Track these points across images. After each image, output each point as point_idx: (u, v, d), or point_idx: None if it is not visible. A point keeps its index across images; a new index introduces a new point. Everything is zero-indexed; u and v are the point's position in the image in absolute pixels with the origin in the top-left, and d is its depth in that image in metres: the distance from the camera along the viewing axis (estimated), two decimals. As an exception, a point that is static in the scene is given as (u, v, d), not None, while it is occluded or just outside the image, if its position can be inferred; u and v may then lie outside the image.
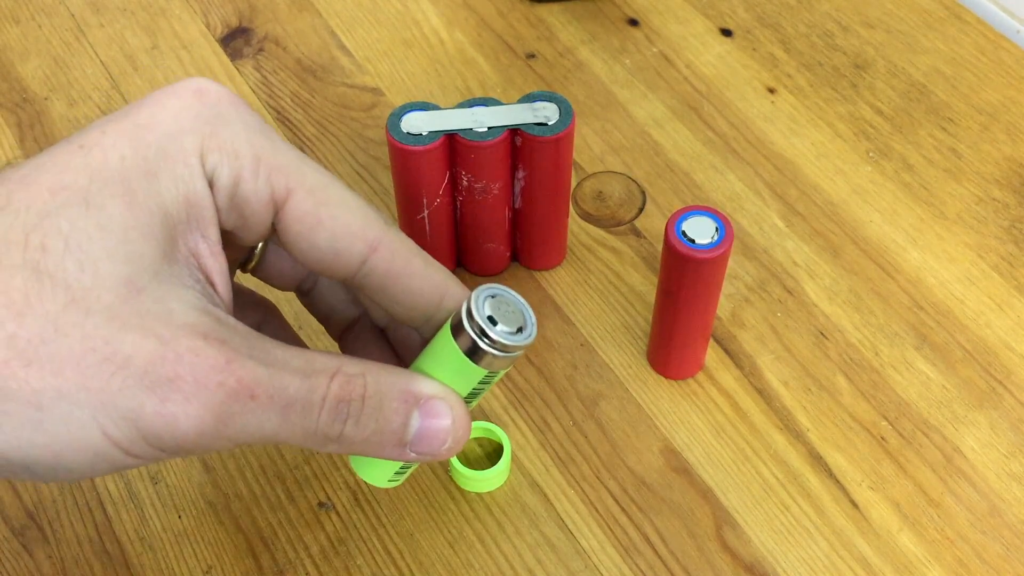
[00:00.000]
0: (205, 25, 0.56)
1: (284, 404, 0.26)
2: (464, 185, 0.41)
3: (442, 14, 0.56)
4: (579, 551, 0.38)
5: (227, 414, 0.25)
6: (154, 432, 0.25)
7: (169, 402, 0.25)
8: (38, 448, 0.25)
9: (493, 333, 0.28)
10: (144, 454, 0.26)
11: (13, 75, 0.54)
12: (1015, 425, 0.41)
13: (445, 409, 0.29)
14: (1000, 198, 0.48)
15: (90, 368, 0.25)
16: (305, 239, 0.29)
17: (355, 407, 0.27)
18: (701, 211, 0.37)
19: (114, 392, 0.25)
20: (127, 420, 0.25)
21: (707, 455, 0.40)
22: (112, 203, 0.26)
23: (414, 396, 0.28)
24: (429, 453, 0.29)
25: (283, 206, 0.29)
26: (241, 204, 0.28)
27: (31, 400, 0.24)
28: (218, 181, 0.28)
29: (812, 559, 0.38)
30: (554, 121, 0.40)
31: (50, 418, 0.25)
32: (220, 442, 0.26)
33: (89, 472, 0.26)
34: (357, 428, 0.28)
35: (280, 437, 0.27)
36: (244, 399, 0.26)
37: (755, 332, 0.44)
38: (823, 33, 0.55)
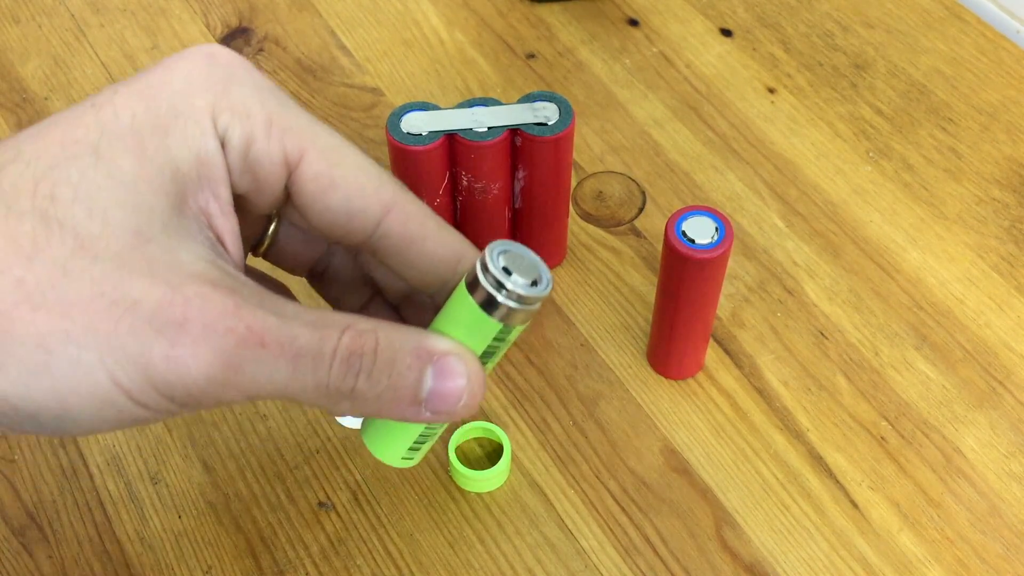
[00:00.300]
0: (205, 25, 0.56)
1: (294, 354, 0.26)
2: (464, 185, 0.41)
3: (442, 14, 0.56)
4: (579, 551, 0.38)
5: (237, 361, 0.25)
6: (162, 377, 0.25)
7: (178, 345, 0.25)
8: (44, 393, 0.24)
9: (509, 283, 0.28)
10: (152, 403, 0.25)
11: (13, 75, 0.54)
12: (1015, 425, 0.41)
13: (459, 365, 0.28)
14: (1000, 198, 0.48)
15: (98, 311, 0.24)
16: (319, 201, 0.29)
17: (367, 361, 0.27)
18: (701, 211, 0.37)
19: (122, 335, 0.24)
20: (135, 364, 0.24)
21: (707, 455, 0.40)
22: (122, 156, 0.26)
23: (427, 352, 0.28)
24: (445, 411, 0.28)
25: (296, 167, 0.28)
26: (254, 165, 0.28)
27: (39, 343, 0.24)
28: (230, 141, 0.28)
29: (812, 559, 0.38)
30: (554, 121, 0.40)
31: (57, 361, 0.24)
32: (230, 391, 0.25)
33: (96, 422, 0.25)
34: (369, 383, 0.27)
35: (291, 390, 0.26)
36: (254, 346, 0.25)
37: (755, 332, 0.44)
38: (823, 33, 0.55)
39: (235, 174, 0.28)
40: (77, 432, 0.26)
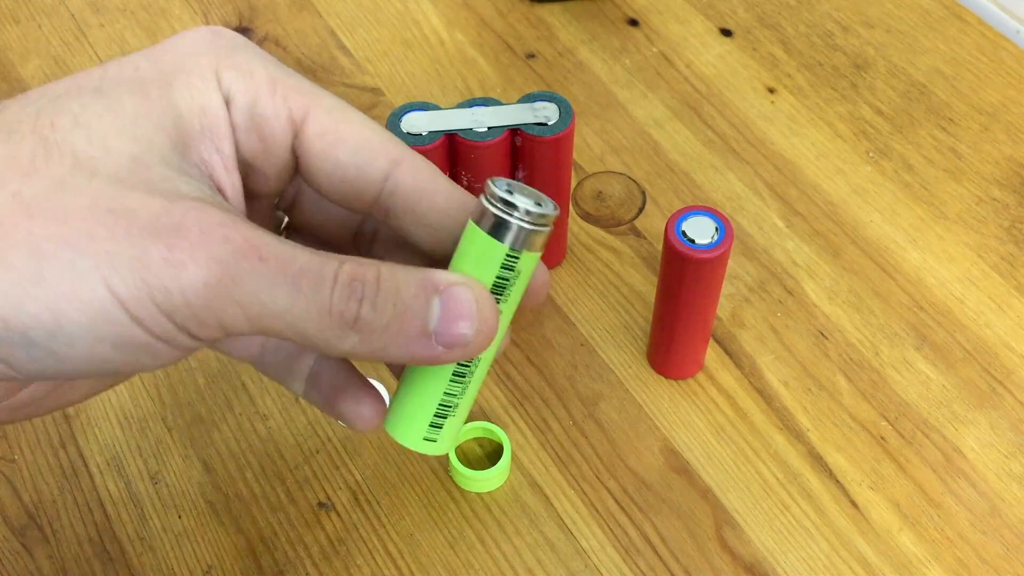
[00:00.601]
0: (205, 25, 0.56)
1: (295, 272, 0.25)
2: (464, 185, 0.41)
3: (442, 14, 0.56)
4: (579, 551, 0.38)
5: (235, 271, 0.25)
6: (160, 283, 0.24)
7: (175, 249, 0.24)
8: (37, 304, 0.24)
9: (513, 200, 0.28)
10: (150, 319, 0.24)
11: (13, 75, 0.54)
12: (1015, 425, 0.41)
13: (466, 292, 0.27)
14: (1000, 198, 0.48)
15: (95, 220, 0.24)
16: (328, 158, 0.29)
17: (370, 288, 0.26)
18: (701, 211, 0.37)
19: (119, 239, 0.24)
20: (132, 269, 0.24)
21: (707, 455, 0.40)
22: (125, 96, 0.26)
23: (432, 283, 0.27)
24: (457, 341, 0.27)
25: (301, 125, 0.29)
26: (260, 123, 0.28)
27: (32, 249, 0.24)
28: (234, 99, 0.28)
29: (812, 559, 0.38)
30: (554, 121, 0.40)
31: (51, 268, 0.24)
32: (231, 307, 0.25)
33: (92, 343, 0.24)
34: (374, 312, 0.26)
35: (294, 315, 0.25)
36: (252, 259, 0.25)
37: (755, 332, 0.44)
38: (823, 33, 0.55)
39: (240, 132, 0.28)
40: (71, 357, 0.25)
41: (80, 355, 0.25)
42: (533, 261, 0.29)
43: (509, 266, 0.28)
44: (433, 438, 0.30)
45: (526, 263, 0.29)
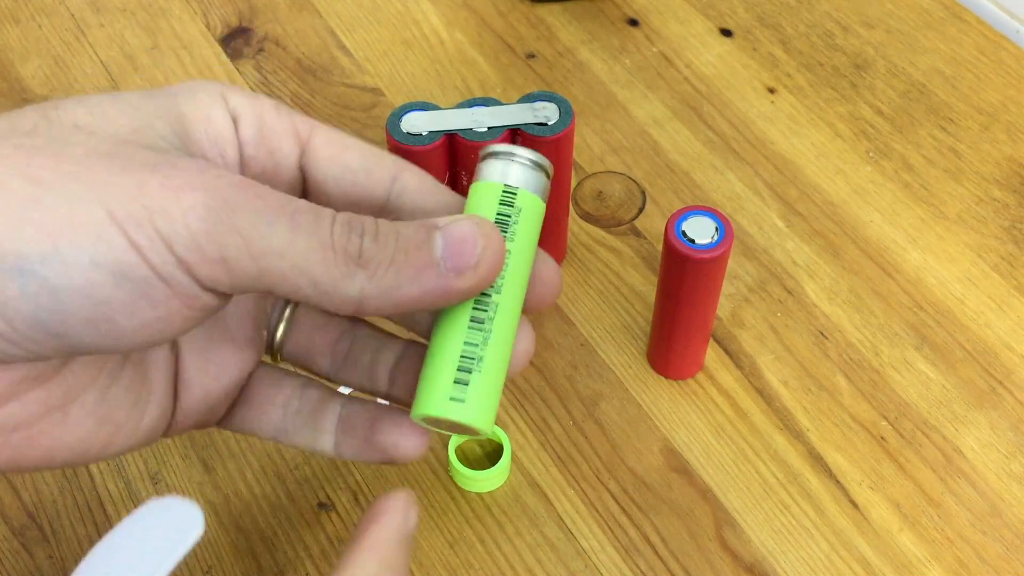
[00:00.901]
0: (205, 25, 0.56)
1: (293, 211, 0.25)
2: (464, 185, 0.41)
3: (442, 14, 0.56)
4: (579, 551, 0.38)
5: (233, 200, 0.24)
6: (160, 205, 0.23)
7: (173, 177, 0.24)
8: (32, 226, 0.23)
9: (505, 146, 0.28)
10: (149, 247, 0.24)
11: (13, 75, 0.54)
12: (1015, 425, 0.41)
13: (466, 221, 0.27)
14: (1000, 198, 0.48)
15: (95, 160, 0.24)
16: (337, 161, 0.29)
17: (368, 226, 0.26)
18: (701, 211, 0.37)
19: (116, 172, 0.24)
20: (131, 197, 0.23)
21: (707, 455, 0.40)
22: (129, 95, 0.27)
23: (431, 223, 0.27)
24: (467, 263, 0.26)
25: (308, 140, 0.29)
26: (268, 137, 0.29)
27: (30, 179, 0.23)
28: (242, 117, 0.29)
29: (812, 559, 0.38)
30: (554, 121, 0.40)
31: (48, 194, 0.23)
32: (233, 235, 0.24)
33: (88, 268, 0.23)
34: (377, 245, 0.26)
35: (296, 252, 0.25)
36: (249, 194, 0.25)
37: (755, 332, 0.44)
38: (823, 33, 0.55)
39: (249, 147, 0.29)
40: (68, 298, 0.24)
41: (76, 288, 0.23)
42: (535, 204, 0.29)
43: (508, 202, 0.28)
44: (460, 397, 0.27)
45: (526, 201, 0.28)
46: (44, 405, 0.27)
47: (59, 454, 0.27)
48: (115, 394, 0.28)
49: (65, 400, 0.27)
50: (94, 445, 0.28)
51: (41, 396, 0.26)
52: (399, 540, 0.28)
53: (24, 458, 0.27)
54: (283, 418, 0.32)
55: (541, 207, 0.28)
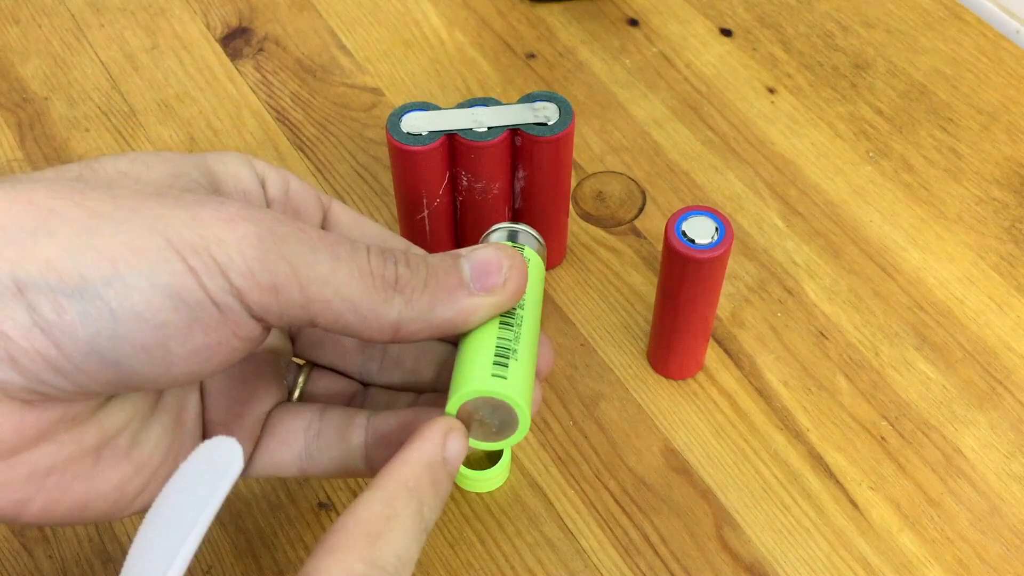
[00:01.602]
0: (205, 25, 0.56)
1: (332, 242, 0.26)
2: (464, 185, 0.41)
3: (442, 14, 0.56)
4: (579, 551, 0.38)
5: (280, 233, 0.25)
6: (215, 235, 0.24)
7: (224, 210, 0.25)
8: (94, 253, 0.24)
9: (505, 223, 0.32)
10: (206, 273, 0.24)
11: (13, 75, 0.54)
12: (1015, 425, 0.41)
13: (489, 248, 0.29)
14: (1000, 198, 0.48)
15: (145, 198, 0.25)
16: (357, 228, 0.32)
17: (400, 256, 0.28)
18: (701, 211, 0.37)
19: (170, 206, 0.25)
20: (187, 227, 0.24)
21: (707, 455, 0.40)
22: (164, 152, 0.29)
23: (455, 253, 0.29)
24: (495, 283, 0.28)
25: (329, 207, 0.32)
26: (295, 199, 0.31)
27: (89, 212, 0.24)
28: (269, 179, 0.31)
29: (812, 559, 0.38)
30: (554, 121, 0.40)
31: (108, 223, 0.24)
32: (282, 264, 0.25)
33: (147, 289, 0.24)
34: (410, 271, 0.27)
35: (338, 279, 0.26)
36: (293, 227, 0.26)
37: (755, 332, 0.44)
38: (823, 33, 0.55)
39: (276, 206, 0.31)
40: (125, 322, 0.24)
41: (135, 311, 0.24)
42: (538, 263, 0.31)
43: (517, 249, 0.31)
44: (502, 375, 0.28)
45: (531, 256, 0.31)
46: (78, 447, 0.26)
47: (93, 502, 0.27)
48: (148, 439, 0.29)
49: (99, 443, 0.27)
50: (128, 493, 0.28)
51: (75, 438, 0.26)
52: (428, 463, 0.27)
53: (57, 505, 0.27)
54: (306, 445, 0.32)
55: (543, 270, 0.32)
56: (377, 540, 0.25)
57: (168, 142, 0.51)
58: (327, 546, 0.25)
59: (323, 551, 0.25)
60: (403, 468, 0.26)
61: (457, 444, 0.27)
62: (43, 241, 0.23)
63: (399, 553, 0.25)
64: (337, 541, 0.25)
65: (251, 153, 0.50)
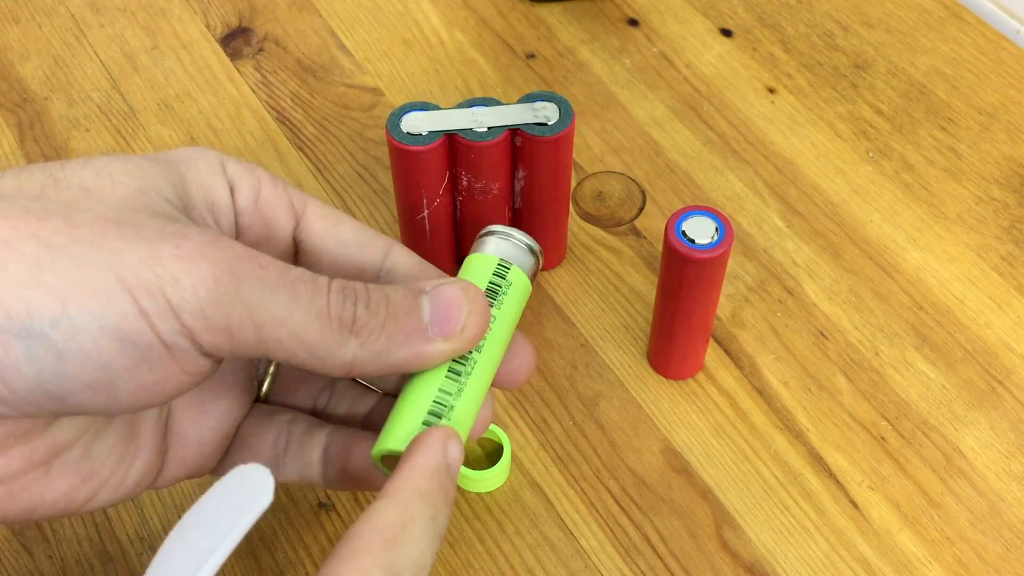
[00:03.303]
0: (205, 25, 0.56)
1: (292, 280, 0.26)
2: (464, 185, 0.41)
3: (442, 14, 0.56)
4: (579, 551, 0.38)
5: (239, 272, 0.25)
6: (172, 275, 0.24)
7: (183, 247, 0.25)
8: (44, 290, 0.23)
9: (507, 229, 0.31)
10: (157, 315, 0.24)
11: (13, 75, 0.54)
12: (1015, 425, 0.41)
13: (452, 286, 0.28)
14: (1000, 198, 0.48)
15: (105, 227, 0.24)
16: (331, 235, 0.31)
17: (361, 293, 0.27)
18: (701, 211, 0.37)
19: (129, 240, 0.24)
20: (144, 265, 0.24)
21: (707, 455, 0.40)
22: (135, 158, 0.28)
23: (418, 287, 0.28)
24: (454, 329, 0.28)
25: (303, 213, 0.31)
26: (264, 208, 0.30)
27: (44, 243, 0.24)
28: (239, 187, 0.30)
29: (812, 559, 0.38)
30: (554, 121, 0.40)
31: (63, 258, 0.24)
32: (238, 306, 0.25)
33: (95, 333, 0.24)
34: (368, 311, 0.27)
35: (294, 320, 0.26)
36: (253, 265, 0.25)
37: (755, 332, 0.44)
38: (823, 33, 0.55)
39: (245, 216, 0.30)
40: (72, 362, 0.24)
41: (82, 352, 0.24)
42: (524, 283, 0.31)
43: (501, 274, 0.30)
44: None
45: (517, 278, 0.30)
46: (27, 461, 0.27)
47: (41, 508, 0.28)
48: (100, 451, 0.29)
49: (49, 456, 0.27)
50: (76, 500, 0.28)
51: (25, 452, 0.27)
52: (436, 469, 0.27)
53: (5, 511, 0.27)
54: (275, 455, 0.32)
55: (528, 287, 0.31)
56: (394, 546, 0.25)
57: (168, 142, 0.51)
58: (344, 552, 0.25)
59: (340, 557, 0.25)
60: (413, 475, 0.26)
61: (456, 450, 0.28)
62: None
63: (415, 559, 0.25)
64: (355, 547, 0.25)
65: (251, 153, 0.50)
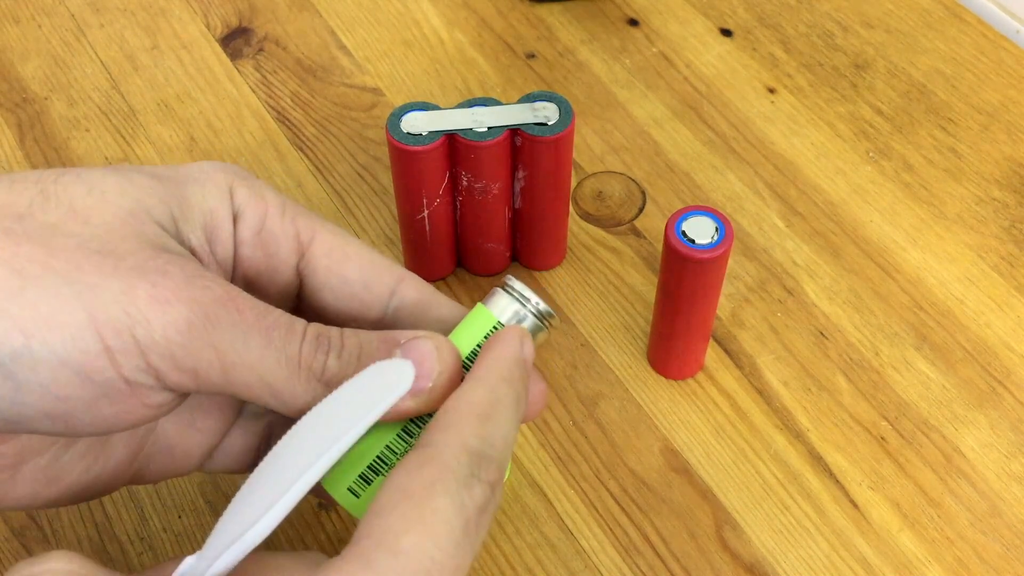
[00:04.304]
0: (205, 25, 0.56)
1: (268, 325, 0.26)
2: (464, 185, 0.41)
3: (442, 14, 0.56)
4: (579, 551, 0.38)
5: (214, 316, 0.25)
6: (143, 316, 0.24)
7: (160, 287, 0.24)
8: (9, 320, 0.23)
9: (525, 292, 0.30)
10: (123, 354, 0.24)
11: (13, 75, 0.54)
12: (1015, 425, 0.41)
13: (426, 342, 0.28)
14: (1000, 198, 0.48)
15: (83, 256, 0.24)
16: (335, 273, 0.30)
17: (335, 342, 0.27)
18: (701, 211, 0.37)
19: (106, 274, 0.24)
20: (117, 302, 0.24)
21: (707, 455, 0.40)
22: (136, 175, 0.27)
23: (393, 339, 0.28)
24: (422, 387, 0.27)
25: (308, 247, 0.30)
26: (267, 240, 0.29)
27: (16, 268, 0.24)
28: (243, 216, 0.29)
29: (812, 559, 0.38)
30: (554, 121, 0.40)
31: (32, 288, 0.24)
32: (208, 351, 0.25)
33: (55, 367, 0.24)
34: (340, 363, 0.27)
35: (265, 366, 0.26)
36: (231, 309, 0.25)
37: (755, 332, 0.44)
38: (823, 33, 0.55)
39: (246, 247, 0.29)
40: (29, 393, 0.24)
41: (41, 383, 0.24)
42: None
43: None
44: (358, 491, 0.29)
45: None
46: None
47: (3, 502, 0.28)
48: (69, 458, 0.29)
49: (17, 461, 0.27)
50: (39, 500, 0.29)
51: None
52: (516, 360, 0.27)
53: None
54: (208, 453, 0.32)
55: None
56: (488, 420, 0.26)
57: (168, 142, 0.51)
58: (441, 424, 0.26)
59: (437, 428, 0.26)
60: (498, 363, 0.27)
61: (530, 347, 0.28)
62: None
63: (504, 436, 0.26)
64: (450, 420, 0.26)
65: (251, 153, 0.50)
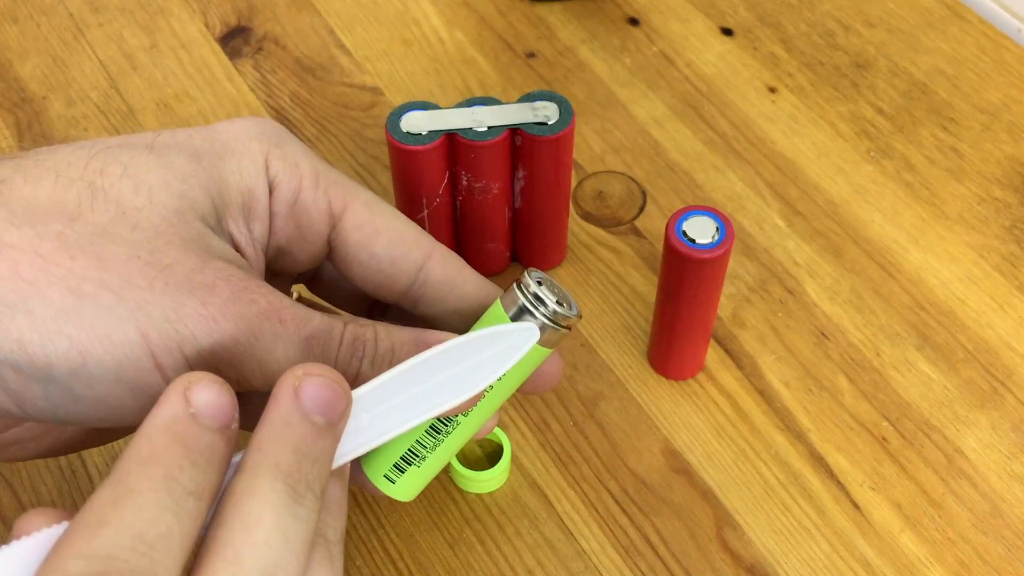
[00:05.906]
0: (204, 24, 0.56)
1: (308, 334, 0.27)
2: (464, 185, 0.41)
3: (442, 14, 0.56)
4: (579, 552, 0.38)
5: (259, 329, 0.26)
6: (191, 333, 0.25)
7: (208, 304, 0.25)
8: (66, 342, 0.24)
9: (542, 294, 0.29)
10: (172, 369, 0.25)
11: (11, 74, 0.53)
12: (1016, 425, 0.41)
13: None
14: (1002, 198, 0.48)
15: (134, 269, 0.25)
16: (364, 249, 0.31)
17: (369, 347, 0.28)
18: (701, 211, 0.37)
19: (156, 291, 0.25)
20: (168, 320, 0.25)
21: (708, 456, 0.40)
22: (176, 156, 0.28)
23: (424, 342, 0.29)
24: None
25: (340, 219, 0.31)
26: (300, 213, 0.30)
27: (72, 287, 0.24)
28: (279, 188, 0.30)
29: (813, 560, 0.38)
30: (554, 121, 0.39)
31: (88, 307, 0.25)
32: (251, 362, 0.26)
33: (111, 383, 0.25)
34: (373, 368, 0.28)
35: None
36: (274, 320, 0.26)
37: (756, 332, 0.44)
38: (824, 32, 0.55)
39: (279, 219, 0.30)
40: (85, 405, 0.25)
41: (96, 397, 0.25)
42: (540, 354, 0.30)
43: None
44: (393, 479, 0.31)
45: (532, 352, 0.29)
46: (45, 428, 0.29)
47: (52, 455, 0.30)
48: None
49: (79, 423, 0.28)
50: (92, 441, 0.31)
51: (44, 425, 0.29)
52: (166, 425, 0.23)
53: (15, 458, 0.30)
54: None
55: (541, 355, 0.30)
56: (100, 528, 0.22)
57: (167, 142, 0.51)
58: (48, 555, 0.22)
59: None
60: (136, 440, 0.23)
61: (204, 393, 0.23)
62: (20, 320, 0.24)
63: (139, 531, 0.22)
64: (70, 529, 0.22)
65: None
